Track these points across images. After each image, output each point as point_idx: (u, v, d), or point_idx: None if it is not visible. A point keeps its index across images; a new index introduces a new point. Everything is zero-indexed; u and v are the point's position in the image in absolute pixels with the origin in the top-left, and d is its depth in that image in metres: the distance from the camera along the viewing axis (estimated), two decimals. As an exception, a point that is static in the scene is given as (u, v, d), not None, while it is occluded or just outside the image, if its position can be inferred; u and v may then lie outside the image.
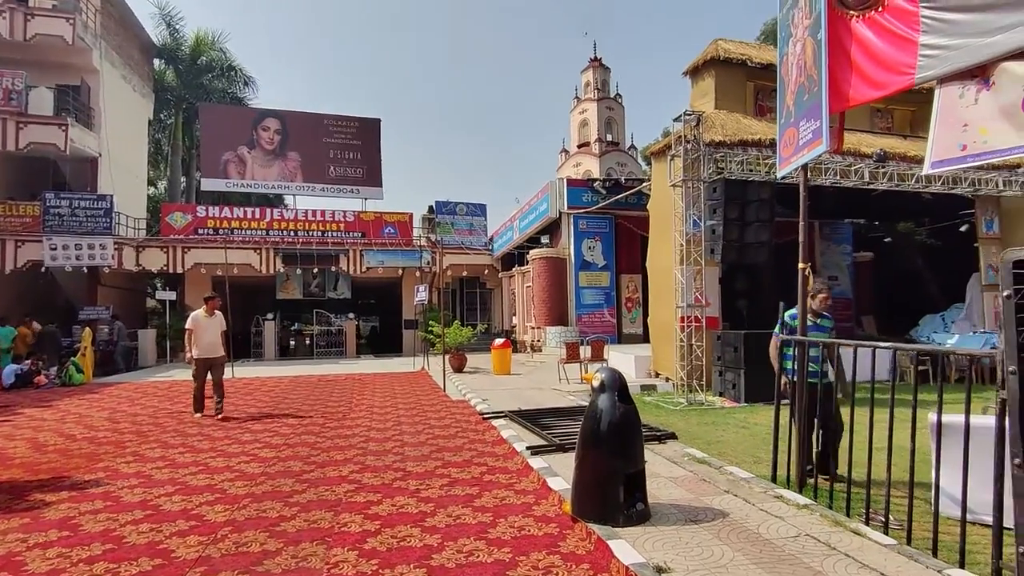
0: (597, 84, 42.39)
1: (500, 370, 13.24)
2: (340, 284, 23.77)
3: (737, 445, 6.14)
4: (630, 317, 17.27)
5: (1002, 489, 2.81)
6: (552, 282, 17.09)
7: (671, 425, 7.30)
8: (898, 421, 3.47)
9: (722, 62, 12.44)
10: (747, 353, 9.00)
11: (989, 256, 13.59)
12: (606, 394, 3.67)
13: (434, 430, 7.03)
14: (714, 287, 10.76)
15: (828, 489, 4.05)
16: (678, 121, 9.66)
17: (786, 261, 15.96)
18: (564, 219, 17.06)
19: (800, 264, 4.51)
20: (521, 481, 4.74)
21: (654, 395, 10.03)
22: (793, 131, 4.62)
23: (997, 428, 2.84)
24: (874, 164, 10.80)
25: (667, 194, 10.47)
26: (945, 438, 3.90)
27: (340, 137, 25.87)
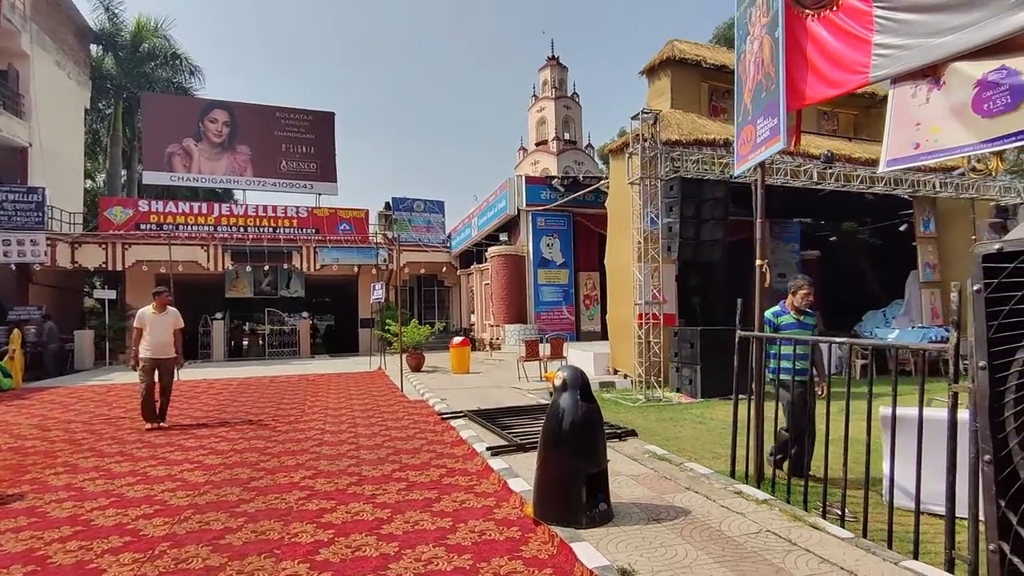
0: (555, 83, 42.61)
1: (459, 369, 13.07)
2: (293, 282, 23.08)
3: (696, 441, 6.19)
4: (588, 314, 17.38)
5: (954, 481, 2.87)
6: (511, 280, 17.02)
7: (631, 422, 7.32)
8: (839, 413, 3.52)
9: (678, 62, 12.62)
10: (703, 349, 9.15)
11: (926, 254, 14.29)
12: (568, 393, 3.59)
13: (391, 432, 6.83)
14: (671, 284, 10.90)
15: (786, 483, 4.10)
16: (636, 119, 9.72)
17: (739, 259, 16.34)
18: (523, 216, 17.01)
19: (758, 261, 4.55)
20: (481, 483, 4.63)
21: (613, 392, 10.08)
22: (751, 129, 4.66)
23: (950, 421, 2.90)
24: (822, 165, 11.16)
25: (625, 192, 10.54)
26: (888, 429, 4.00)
27: (293, 130, 25.07)
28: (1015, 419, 1.40)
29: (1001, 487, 1.42)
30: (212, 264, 20.61)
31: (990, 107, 2.90)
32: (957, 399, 2.88)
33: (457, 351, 13.13)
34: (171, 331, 7.58)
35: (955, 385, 2.88)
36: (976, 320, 1.48)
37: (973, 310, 1.50)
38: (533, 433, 5.83)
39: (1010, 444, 1.41)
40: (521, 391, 9.83)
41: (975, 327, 1.49)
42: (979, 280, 1.48)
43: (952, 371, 2.90)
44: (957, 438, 2.86)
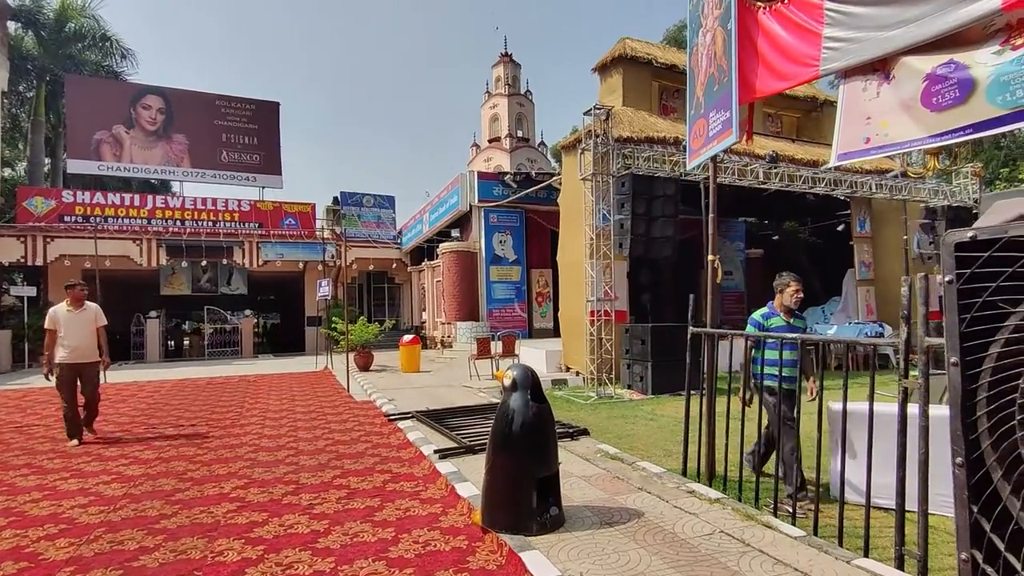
0: (508, 80, 42.45)
1: (409, 368, 12.75)
2: (235, 279, 22.06)
3: (647, 438, 6.15)
4: (541, 312, 17.31)
5: (904, 476, 2.85)
6: (462, 276, 16.76)
7: (582, 420, 7.23)
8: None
9: (629, 60, 12.69)
10: (654, 346, 9.18)
11: (862, 253, 14.88)
12: (518, 393, 3.41)
13: (334, 435, 6.49)
14: (622, 281, 10.92)
15: (737, 480, 4.06)
16: (588, 115, 9.65)
17: (687, 257, 16.61)
18: (475, 212, 16.78)
19: (709, 256, 4.50)
20: (428, 488, 4.40)
21: (565, 389, 10.01)
22: (703, 122, 4.60)
23: (900, 416, 2.89)
24: (768, 164, 11.42)
25: (577, 188, 10.48)
26: (837, 425, 4.02)
27: (234, 120, 23.96)
28: (988, 419, 1.29)
29: (973, 491, 1.32)
30: (145, 259, 19.46)
31: (939, 101, 2.89)
32: (907, 394, 2.87)
33: (407, 350, 12.80)
34: (92, 330, 6.58)
35: (905, 380, 2.86)
36: (947, 313, 1.37)
37: (944, 302, 1.39)
38: (483, 434, 5.64)
39: (982, 446, 1.31)
40: (472, 390, 9.62)
41: (946, 321, 1.38)
42: (951, 270, 1.37)
43: (902, 366, 2.88)
44: (907, 433, 2.85)
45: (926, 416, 2.72)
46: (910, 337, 2.84)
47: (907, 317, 2.84)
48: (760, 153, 11.80)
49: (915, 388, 2.77)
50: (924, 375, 2.74)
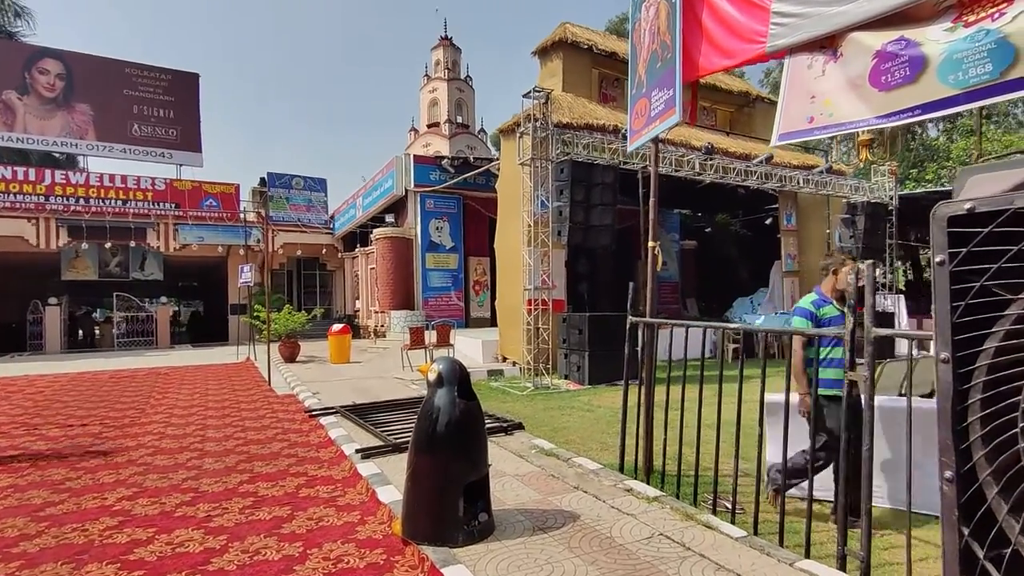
0: (447, 64, 41.54)
1: (338, 359, 12.13)
2: (149, 263, 20.44)
3: (583, 430, 5.97)
4: (478, 300, 16.98)
5: (848, 468, 2.73)
6: (397, 264, 16.17)
7: (517, 412, 6.99)
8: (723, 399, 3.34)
9: (570, 45, 12.46)
10: (591, 335, 9.05)
11: (788, 246, 15.42)
12: (444, 389, 3.07)
13: (247, 433, 5.94)
14: (560, 269, 10.74)
15: (676, 475, 3.90)
16: (528, 98, 9.34)
17: (624, 247, 16.66)
18: (410, 197, 16.19)
19: (650, 243, 4.31)
20: (346, 493, 4.00)
21: (501, 380, 9.75)
22: (645, 102, 4.38)
23: (847, 410, 2.76)
24: (703, 156, 11.53)
25: (516, 174, 10.18)
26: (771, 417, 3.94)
27: (148, 91, 22.07)
28: (982, 425, 1.07)
29: (964, 511, 1.09)
30: (43, 241, 17.68)
31: (888, 79, 2.76)
32: (852, 388, 2.75)
33: (336, 339, 12.16)
34: None
35: (851, 373, 2.73)
36: (938, 301, 1.14)
37: (934, 287, 1.16)
38: (412, 430, 5.28)
39: (975, 456, 1.09)
40: (404, 382, 9.19)
41: (936, 309, 1.15)
42: (943, 249, 1.14)
43: (848, 357, 2.75)
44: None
45: (871, 410, 2.59)
46: (855, 328, 2.71)
47: (853, 306, 2.71)
48: (696, 144, 11.89)
49: (861, 380, 2.64)
50: (870, 368, 2.61)
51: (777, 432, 3.74)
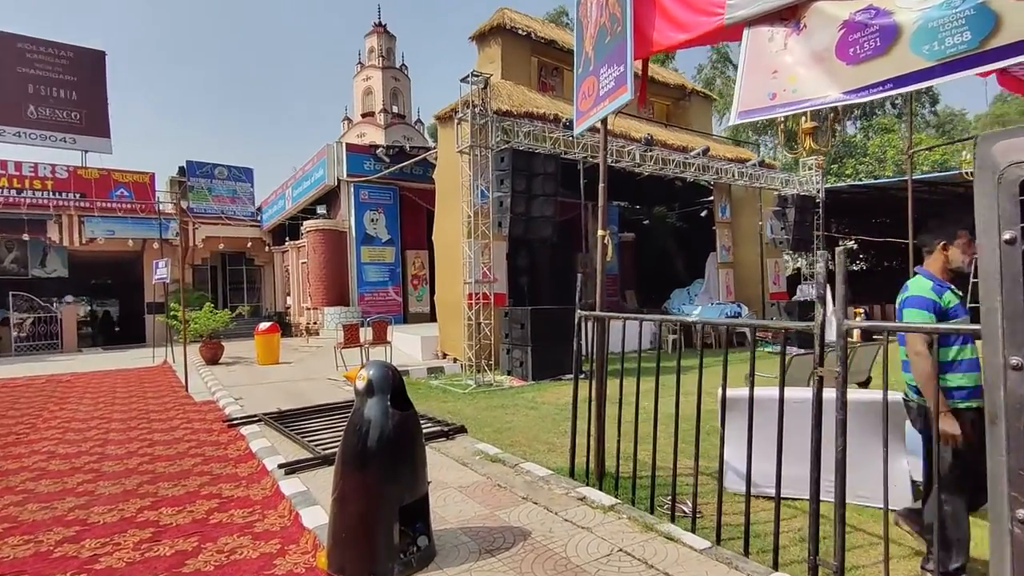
0: (382, 51, 40.28)
1: (266, 359, 11.33)
2: (51, 259, 18.61)
3: (529, 430, 5.67)
4: (417, 295, 16.43)
5: (819, 477, 2.54)
6: (330, 258, 15.36)
7: (459, 412, 6.63)
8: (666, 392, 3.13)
9: (508, 31, 12.11)
10: (534, 330, 8.79)
11: (723, 238, 15.76)
12: (375, 399, 2.66)
13: (155, 449, 5.27)
14: (501, 262, 10.42)
15: (630, 478, 3.65)
16: (466, 82, 8.92)
17: (564, 240, 16.50)
18: (343, 188, 15.40)
19: (600, 231, 4.03)
20: (265, 517, 3.51)
21: (442, 378, 9.34)
22: (592, 80, 4.09)
23: (815, 407, 2.57)
24: (644, 147, 11.49)
25: (454, 162, 9.75)
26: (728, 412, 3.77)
27: (46, 69, 19.98)
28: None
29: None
30: (-82, 235, 15.66)
31: (856, 52, 2.56)
32: (822, 384, 2.55)
33: (263, 339, 11.35)
34: None
35: (820, 368, 2.54)
36: (1007, 288, 0.84)
37: (1001, 272, 0.87)
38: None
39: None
40: (337, 383, 8.61)
41: (1005, 299, 0.87)
42: (1014, 223, 0.85)
43: (817, 352, 2.56)
44: (822, 428, 2.54)
45: (844, 409, 2.40)
46: (824, 320, 2.52)
47: (823, 297, 2.51)
48: (636, 136, 11.85)
49: (832, 376, 2.44)
50: (843, 363, 2.42)
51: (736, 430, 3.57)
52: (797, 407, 3.23)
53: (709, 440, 4.74)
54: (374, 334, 10.04)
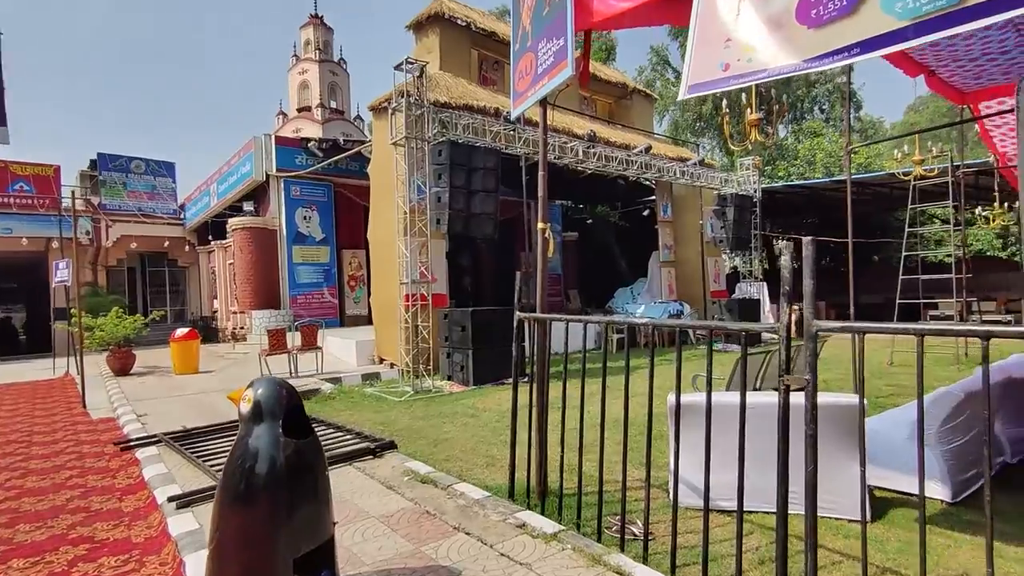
0: (318, 44, 38.76)
1: (183, 369, 10.38)
2: (-65, 261, 16.62)
3: (467, 442, 5.24)
4: (354, 297, 15.66)
5: (787, 492, 2.23)
6: (259, 258, 14.39)
7: (393, 422, 6.13)
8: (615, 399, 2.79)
9: (447, 20, 11.64)
10: (475, 332, 8.37)
11: (665, 236, 15.82)
12: (264, 425, 2.16)
13: (26, 480, 4.50)
14: (441, 261, 9.94)
15: (575, 496, 3.28)
16: (400, 70, 8.38)
17: (508, 239, 16.16)
18: (273, 183, 14.46)
19: (540, 223, 3.64)
20: (144, 566, 2.92)
21: (377, 385, 8.77)
22: (530, 57, 3.70)
23: (782, 420, 2.25)
24: (586, 143, 11.27)
25: (389, 156, 9.18)
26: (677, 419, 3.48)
27: (-71, 50, 17.87)
28: None
29: None
30: None
31: (819, 13, 2.27)
32: (789, 393, 2.24)
33: (180, 346, 10.40)
34: None
35: (788, 376, 2.23)
36: None
37: None
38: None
39: None
40: (260, 394, 7.87)
41: None
42: None
43: (783, 357, 2.25)
44: (789, 440, 2.23)
45: (814, 422, 2.10)
46: (791, 322, 2.22)
47: (789, 294, 2.20)
48: (579, 133, 11.63)
49: (801, 385, 2.13)
50: (812, 370, 2.11)
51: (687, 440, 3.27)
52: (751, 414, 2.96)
53: (658, 447, 4.48)
54: (303, 339, 9.34)
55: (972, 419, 3.74)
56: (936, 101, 42.17)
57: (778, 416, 2.22)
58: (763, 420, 3.18)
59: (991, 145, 9.41)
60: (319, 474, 2.23)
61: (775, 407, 3.46)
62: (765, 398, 3.48)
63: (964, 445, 3.70)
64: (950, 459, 3.63)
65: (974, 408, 3.73)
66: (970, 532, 3.23)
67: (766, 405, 3.44)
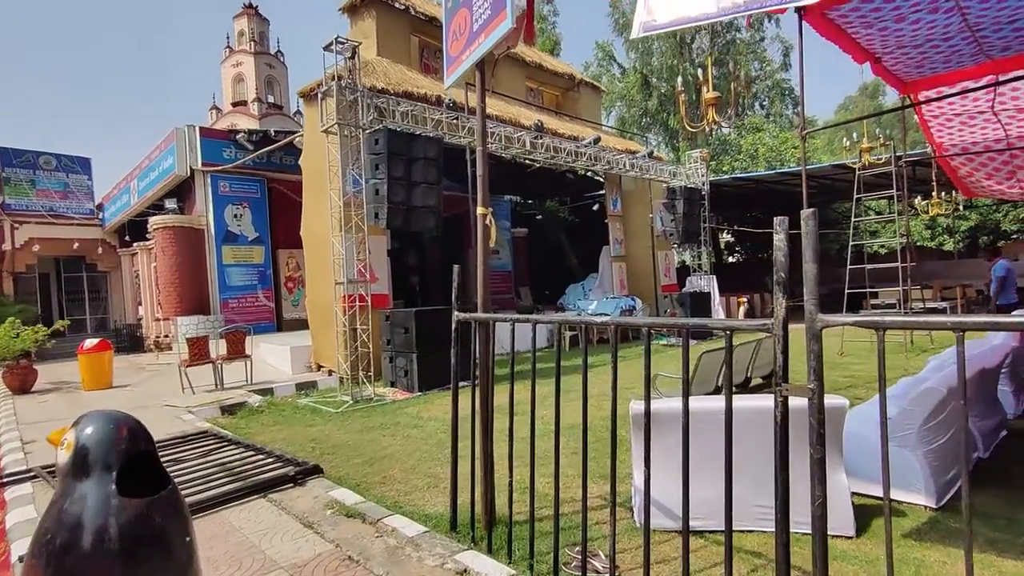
0: (253, 35, 36.93)
1: (94, 384, 9.31)
2: None
3: (408, 458, 4.68)
4: (292, 299, 14.69)
5: (787, 517, 1.79)
6: (184, 259, 13.25)
7: (327, 437, 5.51)
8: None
9: (383, 3, 10.97)
10: (420, 334, 7.77)
11: (615, 231, 15.58)
12: (91, 481, 1.55)
13: None
14: (382, 259, 9.28)
15: (529, 521, 2.78)
16: (329, 50, 7.67)
17: (455, 235, 15.59)
18: (199, 179, 13.34)
19: (480, 209, 3.12)
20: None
21: (313, 395, 8.05)
22: (464, 14, 3.16)
23: (780, 436, 1.81)
24: (534, 133, 10.82)
25: (321, 145, 8.44)
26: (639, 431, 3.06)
27: None
28: None
29: None
30: None
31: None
32: (787, 405, 1.80)
33: (89, 360, 9.32)
34: None
35: (786, 385, 1.78)
36: None
37: None
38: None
39: None
40: (176, 410, 7.04)
41: None
42: None
43: (779, 363, 1.80)
44: (789, 455, 1.79)
45: (821, 443, 1.66)
46: (787, 316, 1.78)
47: (785, 282, 1.76)
48: (526, 123, 11.17)
49: (805, 395, 1.69)
50: (816, 376, 1.68)
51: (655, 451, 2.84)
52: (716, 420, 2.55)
53: (622, 455, 4.06)
54: (228, 347, 8.49)
55: (952, 415, 3.47)
56: (864, 100, 44.10)
57: (775, 434, 1.78)
58: (743, 428, 2.77)
59: (929, 135, 9.52)
60: (176, 544, 1.63)
61: (756, 412, 3.09)
62: (743, 402, 3.08)
63: (945, 443, 3.42)
64: (933, 460, 3.34)
65: (956, 403, 3.47)
66: (962, 542, 2.93)
67: (746, 410, 3.05)
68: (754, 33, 27.68)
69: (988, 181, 10.53)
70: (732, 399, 2.01)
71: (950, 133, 9.19)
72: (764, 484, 3.05)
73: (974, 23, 5.78)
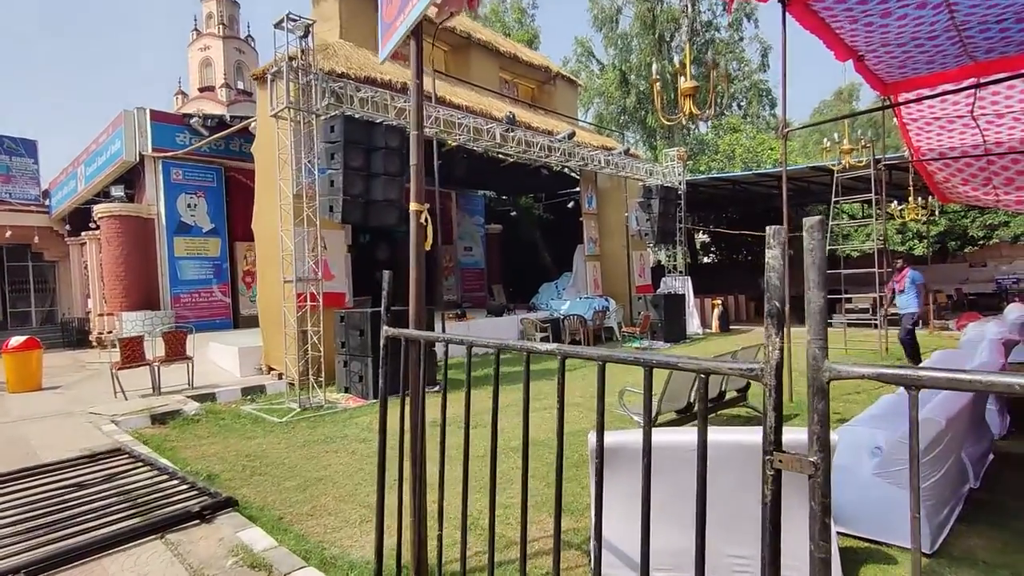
0: (222, 19, 35.65)
1: (20, 386, 8.55)
2: None
3: (347, 482, 4.18)
4: (251, 295, 13.95)
5: (776, 560, 1.35)
6: (131, 251, 12.43)
7: (264, 452, 4.98)
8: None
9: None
10: (377, 337, 7.23)
11: (590, 229, 15.20)
12: None
13: None
14: (339, 254, 8.71)
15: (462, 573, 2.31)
16: (280, 28, 7.05)
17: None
18: (149, 165, 12.52)
19: (413, 205, 2.63)
20: None
21: (260, 400, 7.47)
22: (401, -28, 2.65)
23: (771, 509, 1.36)
24: (506, 125, 10.33)
25: (272, 133, 7.82)
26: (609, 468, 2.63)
27: None
28: None
29: None
30: None
31: None
32: (780, 481, 1.35)
33: (14, 359, 8.55)
34: None
35: (779, 455, 1.31)
36: None
37: None
38: (28, 538, 2.95)
39: None
40: (100, 419, 6.38)
41: None
42: None
43: (770, 423, 1.35)
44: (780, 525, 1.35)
45: (826, 538, 1.22)
46: (782, 363, 1.33)
47: (776, 313, 1.31)
48: (498, 115, 10.68)
49: (807, 471, 1.25)
50: (822, 446, 1.23)
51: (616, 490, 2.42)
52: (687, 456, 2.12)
53: (578, 480, 3.60)
54: (167, 348, 7.84)
55: (948, 448, 3.10)
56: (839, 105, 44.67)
57: (762, 515, 1.33)
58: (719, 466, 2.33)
59: (907, 139, 9.29)
60: None
61: (734, 448, 2.65)
62: (719, 436, 2.64)
63: (939, 480, 3.05)
64: (927, 499, 2.96)
65: (954, 432, 3.11)
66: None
67: (721, 446, 2.61)
68: (733, 33, 27.57)
69: (964, 187, 10.39)
70: (706, 439, 1.55)
71: (928, 137, 8.97)
72: (739, 531, 2.65)
73: (961, 21, 5.47)
